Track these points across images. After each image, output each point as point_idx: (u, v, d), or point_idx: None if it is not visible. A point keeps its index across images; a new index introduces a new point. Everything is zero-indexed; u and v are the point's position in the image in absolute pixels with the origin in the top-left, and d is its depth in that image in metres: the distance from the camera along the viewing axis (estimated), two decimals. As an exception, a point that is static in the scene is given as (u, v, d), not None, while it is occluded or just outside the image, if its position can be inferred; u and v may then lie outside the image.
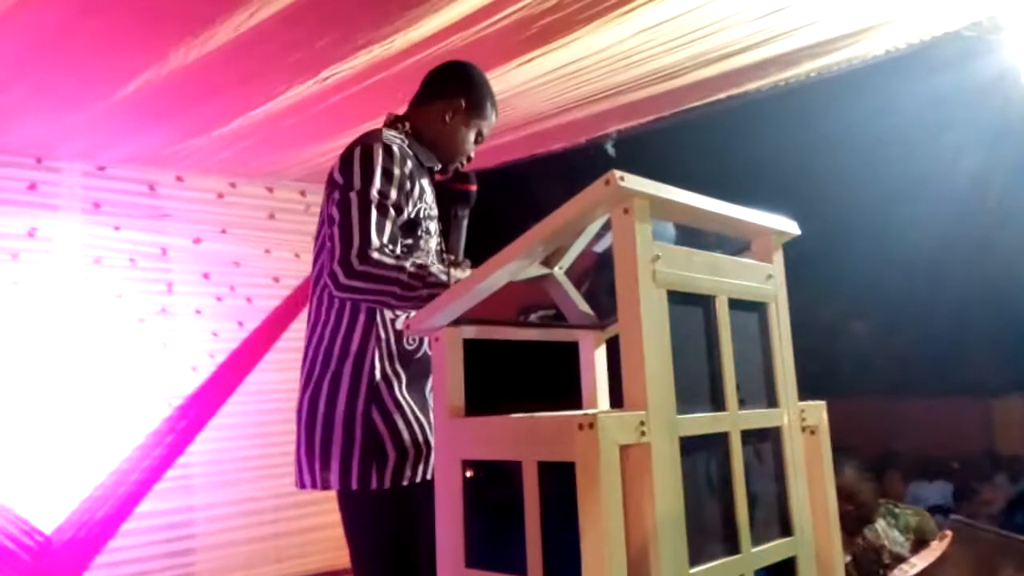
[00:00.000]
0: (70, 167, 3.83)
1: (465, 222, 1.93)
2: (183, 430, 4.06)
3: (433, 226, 1.89)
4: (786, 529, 1.39)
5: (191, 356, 4.12)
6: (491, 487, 1.42)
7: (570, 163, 4.02)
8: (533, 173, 4.28)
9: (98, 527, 3.74)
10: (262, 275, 4.36)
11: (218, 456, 4.14)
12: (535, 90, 3.15)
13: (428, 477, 1.74)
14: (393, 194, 1.73)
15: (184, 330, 4.12)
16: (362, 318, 1.79)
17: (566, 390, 1.85)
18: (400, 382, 1.79)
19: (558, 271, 1.70)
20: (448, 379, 1.38)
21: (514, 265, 1.33)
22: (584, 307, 1.71)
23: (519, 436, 1.25)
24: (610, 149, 3.77)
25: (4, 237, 3.61)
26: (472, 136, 1.98)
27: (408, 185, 1.77)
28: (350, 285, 1.64)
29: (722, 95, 3.25)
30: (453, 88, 1.95)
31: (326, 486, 1.76)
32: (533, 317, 1.73)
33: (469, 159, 2.01)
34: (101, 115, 3.24)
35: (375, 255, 1.64)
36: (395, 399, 1.77)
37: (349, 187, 1.72)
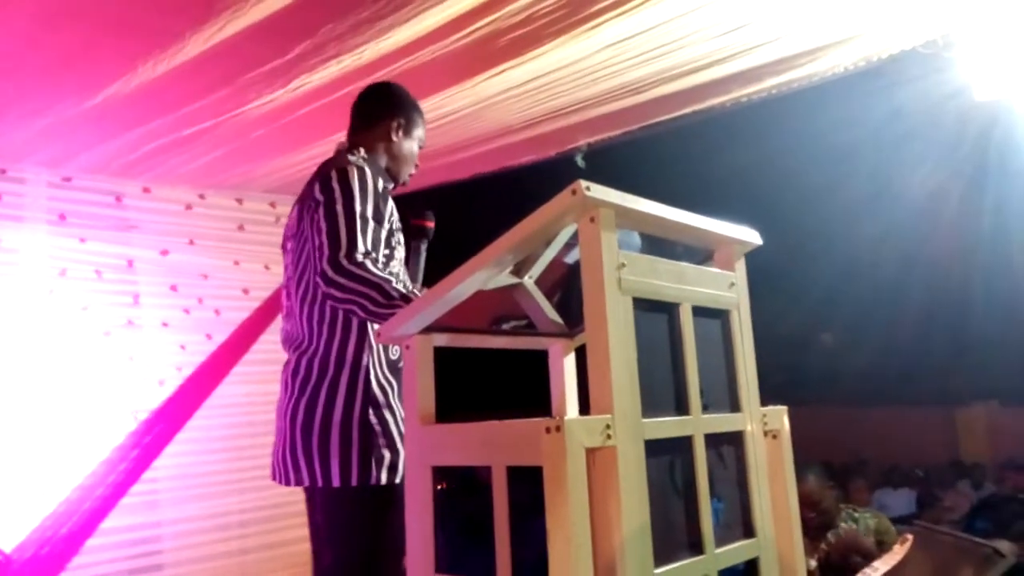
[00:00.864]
0: (35, 178, 3.77)
1: (423, 256, 2.14)
2: (149, 444, 3.99)
3: (401, 239, 2.04)
4: (749, 531, 1.43)
5: (158, 369, 4.06)
6: (461, 493, 1.44)
7: (541, 176, 4.06)
8: (504, 186, 4.31)
9: (61, 544, 3.66)
10: (231, 287, 4.32)
11: (185, 471, 4.08)
12: (505, 103, 3.19)
13: None
14: (371, 208, 1.88)
15: (151, 343, 4.07)
16: (355, 331, 1.93)
17: (541, 400, 1.91)
18: (392, 390, 1.95)
19: (528, 280, 1.73)
20: (418, 386, 1.39)
21: (483, 274, 1.35)
22: (554, 316, 1.73)
23: (488, 441, 1.27)
24: (580, 162, 3.82)
25: (-33, 248, 3.55)
26: (414, 155, 2.17)
27: (382, 201, 1.94)
28: (336, 281, 1.78)
29: (687, 110, 3.32)
30: (390, 108, 2.14)
31: (326, 483, 1.88)
32: (506, 327, 1.76)
33: (416, 167, 2.19)
34: (67, 125, 3.21)
35: (361, 258, 1.79)
36: (389, 405, 1.93)
37: (333, 201, 1.87)
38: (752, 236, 1.58)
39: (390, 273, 1.85)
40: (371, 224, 1.86)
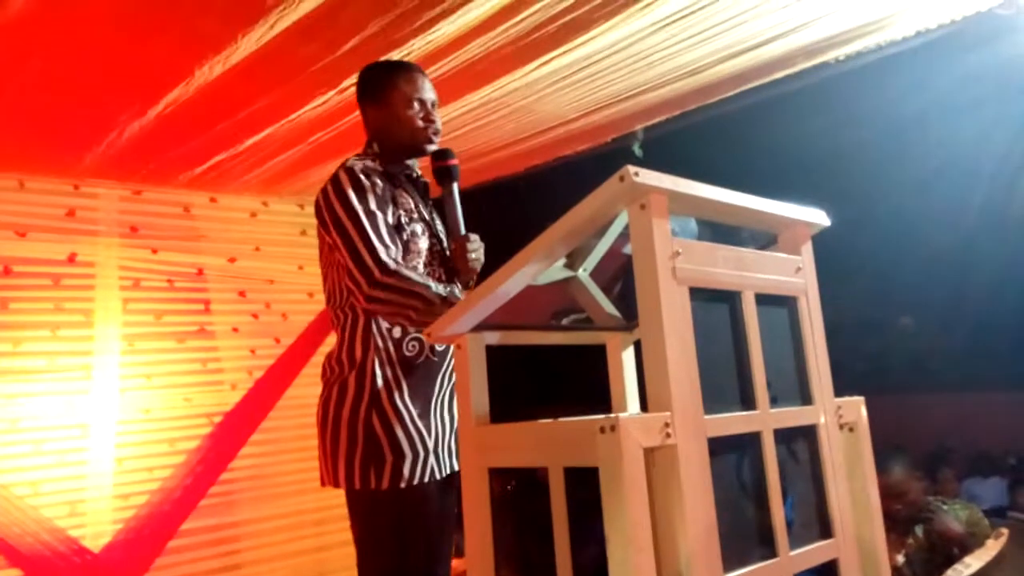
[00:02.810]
0: (107, 193, 3.91)
1: (455, 197, 2.00)
2: (224, 447, 4.11)
3: (419, 228, 1.95)
4: (826, 531, 1.34)
5: (230, 374, 4.17)
6: (522, 493, 1.40)
7: (597, 166, 3.99)
8: (562, 179, 4.26)
9: (145, 545, 3.79)
10: (296, 291, 4.39)
11: (260, 471, 4.17)
12: (557, 93, 3.13)
13: (425, 480, 1.84)
14: (372, 203, 1.85)
15: (222, 348, 4.17)
16: (360, 330, 1.90)
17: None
18: (401, 389, 1.87)
19: (582, 273, 1.67)
20: (471, 386, 1.36)
21: (532, 268, 1.31)
22: (610, 309, 1.67)
23: (544, 442, 1.23)
24: (637, 150, 3.73)
25: (45, 264, 3.70)
26: (411, 111, 1.99)
27: (381, 194, 1.89)
28: (377, 297, 1.78)
29: (749, 86, 3.19)
30: (361, 95, 2.10)
31: (336, 484, 1.89)
32: (565, 321, 1.71)
33: (433, 131, 2.02)
34: (135, 139, 3.30)
35: (394, 266, 1.78)
36: (394, 406, 1.86)
37: (335, 213, 1.86)
38: (819, 217, 1.49)
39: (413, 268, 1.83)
40: (377, 217, 1.83)
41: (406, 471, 1.82)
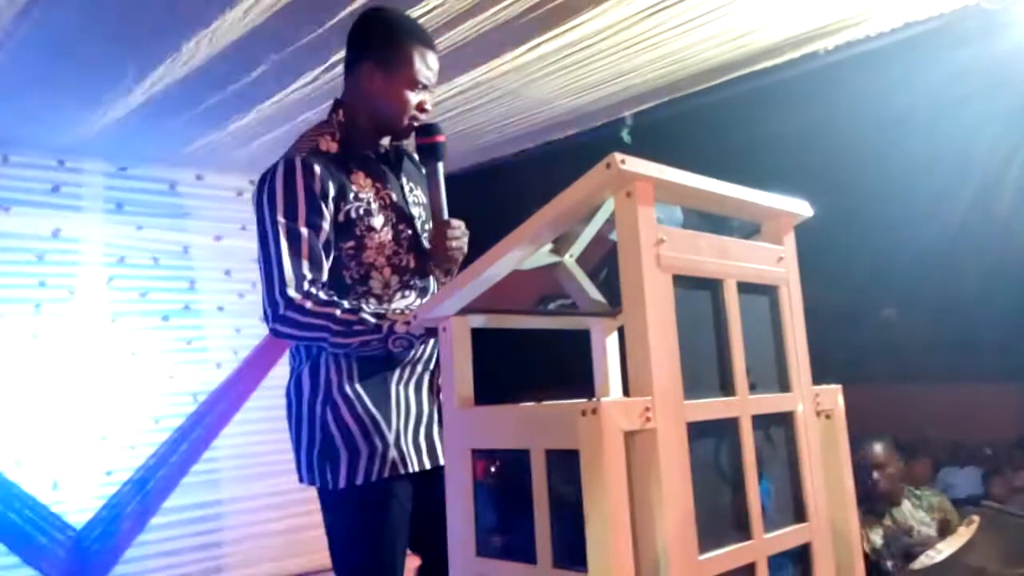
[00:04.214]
0: (92, 168, 3.89)
1: (439, 178, 1.79)
2: (208, 425, 4.11)
3: (378, 221, 1.73)
4: (800, 515, 1.37)
5: (215, 352, 4.17)
6: (504, 475, 1.42)
7: (585, 151, 3.99)
8: (551, 163, 4.26)
9: (128, 521, 3.80)
10: (283, 271, 4.39)
11: (244, 450, 4.19)
12: (545, 78, 3.14)
13: (385, 475, 1.69)
14: (300, 215, 1.64)
15: (207, 326, 4.17)
16: None
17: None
18: (352, 380, 1.72)
19: (568, 259, 1.69)
20: (456, 369, 1.37)
21: (518, 252, 1.32)
22: (595, 294, 1.69)
23: (526, 425, 1.25)
24: (626, 137, 3.74)
25: (29, 238, 3.68)
26: (408, 94, 1.74)
27: (323, 193, 1.67)
28: (276, 330, 1.65)
29: (736, 74, 3.20)
30: (359, 49, 1.77)
31: (303, 481, 1.77)
32: (552, 306, 1.73)
33: (424, 111, 1.79)
34: (121, 116, 3.28)
35: (298, 300, 1.61)
36: (345, 397, 1.71)
37: (259, 221, 1.69)
38: (802, 207, 1.50)
39: (343, 309, 1.62)
40: (304, 238, 1.63)
41: (362, 467, 1.68)
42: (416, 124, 1.79)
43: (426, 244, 1.83)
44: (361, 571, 1.72)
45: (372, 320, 1.63)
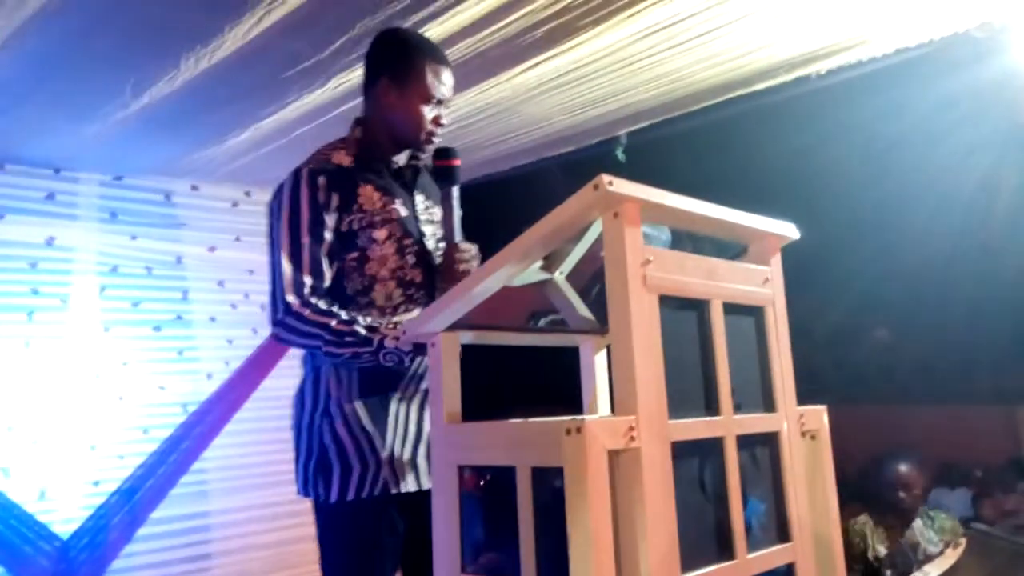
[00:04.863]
0: (87, 177, 3.89)
1: (452, 201, 1.83)
2: (199, 436, 4.10)
3: (381, 233, 1.77)
4: (784, 536, 1.38)
5: (207, 363, 4.16)
6: (490, 492, 1.42)
7: (580, 169, 4.02)
8: (543, 178, 4.29)
9: (115, 532, 3.78)
10: (276, 282, 4.39)
11: (233, 462, 4.17)
12: (541, 96, 3.16)
13: (375, 493, 1.71)
14: (303, 225, 1.72)
15: (199, 337, 4.16)
16: None
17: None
18: (351, 395, 1.75)
19: (559, 276, 1.70)
20: (444, 384, 1.38)
21: (508, 270, 1.34)
22: (585, 312, 1.71)
23: (512, 441, 1.26)
24: (620, 155, 3.76)
25: (23, 246, 3.67)
26: (422, 108, 1.81)
27: (326, 203, 1.73)
28: (276, 334, 1.73)
29: (730, 96, 3.23)
30: (377, 65, 1.85)
31: (300, 493, 1.80)
32: (543, 322, 1.74)
33: (440, 126, 1.86)
34: (117, 126, 3.29)
35: (297, 306, 1.68)
36: (341, 409, 1.74)
37: (269, 227, 1.79)
38: (788, 229, 1.52)
39: (339, 320, 1.68)
40: (307, 248, 1.71)
41: (353, 483, 1.70)
42: (433, 139, 1.86)
43: (437, 261, 1.86)
44: None
45: (363, 333, 1.67)
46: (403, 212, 1.83)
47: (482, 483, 1.44)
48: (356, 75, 2.88)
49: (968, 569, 2.37)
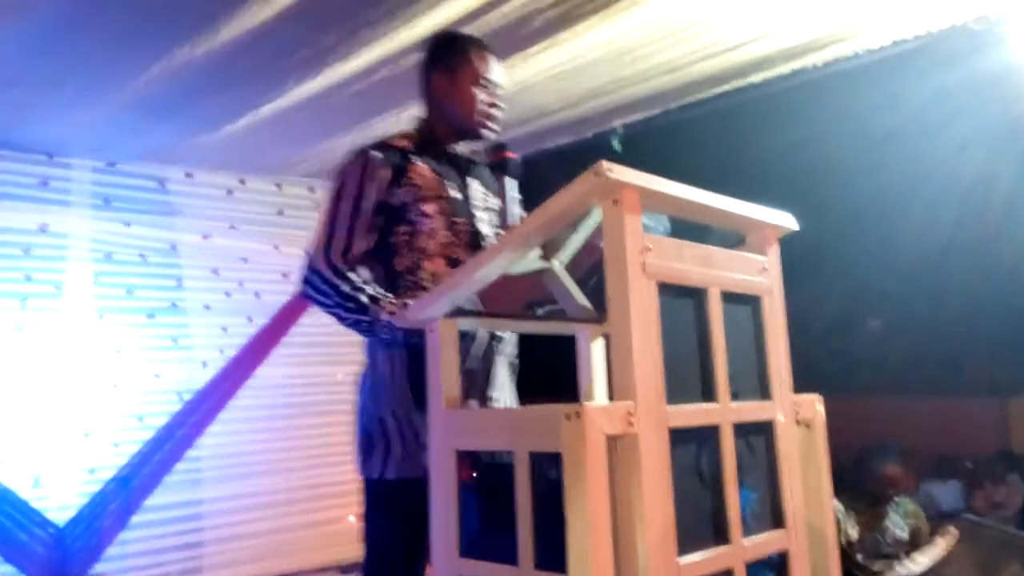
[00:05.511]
0: (81, 163, 3.87)
1: (512, 192, 1.89)
2: (193, 424, 4.09)
3: (432, 208, 1.83)
4: (779, 522, 1.39)
5: (201, 351, 4.16)
6: (488, 477, 1.43)
7: (577, 159, 4.02)
8: (540, 170, 4.28)
9: (110, 519, 3.78)
10: (271, 271, 4.39)
11: (227, 450, 4.18)
12: (539, 85, 3.16)
13: (417, 475, 1.71)
14: (350, 196, 1.80)
15: (194, 325, 4.16)
16: None
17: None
18: (402, 373, 1.81)
19: (557, 264, 1.70)
20: (443, 370, 1.39)
21: (506, 257, 1.34)
22: (583, 300, 1.71)
23: (511, 426, 1.26)
24: (616, 145, 3.76)
25: (16, 232, 3.66)
26: (473, 89, 1.88)
27: (377, 176, 1.80)
28: (303, 291, 1.82)
29: (726, 87, 3.24)
30: (427, 67, 1.95)
31: (357, 471, 1.86)
32: (541, 312, 1.74)
33: (494, 115, 1.92)
34: (111, 112, 3.28)
35: (320, 265, 1.78)
36: (389, 391, 1.81)
37: (326, 196, 1.86)
38: (787, 220, 1.53)
39: (352, 285, 1.76)
40: (347, 215, 1.79)
41: (393, 463, 1.77)
42: (489, 124, 1.92)
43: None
44: (377, 563, 1.81)
45: (364, 301, 1.74)
46: (455, 194, 1.89)
47: (474, 475, 1.44)
48: (353, 63, 2.87)
49: (959, 558, 2.40)
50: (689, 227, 1.44)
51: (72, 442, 3.69)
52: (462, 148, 1.96)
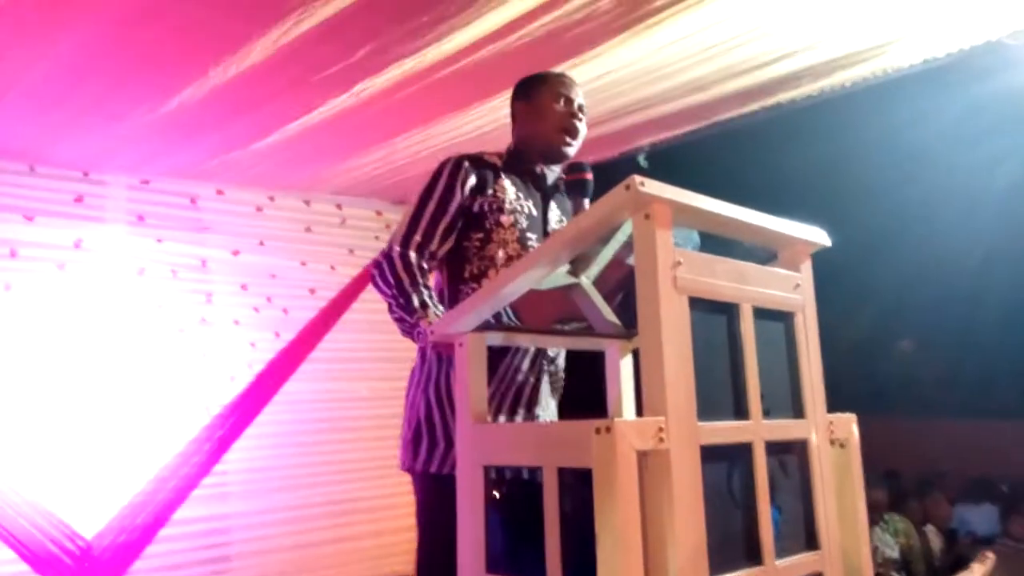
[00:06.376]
0: (115, 180, 3.94)
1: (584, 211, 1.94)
2: (221, 439, 4.13)
3: (507, 219, 1.92)
4: (812, 543, 1.36)
5: (229, 366, 4.19)
6: (516, 492, 1.42)
7: (604, 178, 4.02)
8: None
9: (137, 533, 3.81)
10: (298, 287, 4.42)
11: (254, 465, 4.19)
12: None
13: (450, 471, 1.80)
14: (435, 199, 1.89)
15: (223, 340, 4.20)
16: None
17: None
18: (451, 370, 1.85)
19: (585, 280, 1.70)
20: (471, 384, 1.38)
21: (536, 272, 1.34)
22: (610, 316, 1.70)
23: (540, 441, 1.25)
24: (643, 162, 3.76)
25: (51, 248, 3.73)
26: (557, 105, 1.97)
27: (462, 183, 1.90)
28: (373, 274, 1.88)
29: (755, 106, 3.22)
30: (514, 97, 2.09)
31: (400, 465, 1.92)
32: (568, 328, 1.74)
33: (574, 131, 1.98)
34: (145, 130, 3.34)
35: (395, 254, 1.85)
36: (438, 387, 1.87)
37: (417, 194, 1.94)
38: (820, 236, 1.51)
39: (411, 284, 1.82)
40: (430, 215, 1.87)
41: (437, 458, 1.83)
42: (570, 138, 1.98)
43: None
44: (428, 555, 1.84)
45: (414, 304, 1.80)
46: (533, 211, 1.98)
47: (497, 495, 1.43)
48: (379, 81, 2.90)
49: (997, 582, 2.33)
50: (715, 244, 1.43)
51: (101, 455, 3.73)
52: (548, 173, 2.04)
